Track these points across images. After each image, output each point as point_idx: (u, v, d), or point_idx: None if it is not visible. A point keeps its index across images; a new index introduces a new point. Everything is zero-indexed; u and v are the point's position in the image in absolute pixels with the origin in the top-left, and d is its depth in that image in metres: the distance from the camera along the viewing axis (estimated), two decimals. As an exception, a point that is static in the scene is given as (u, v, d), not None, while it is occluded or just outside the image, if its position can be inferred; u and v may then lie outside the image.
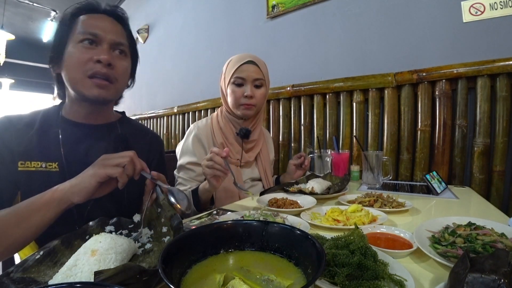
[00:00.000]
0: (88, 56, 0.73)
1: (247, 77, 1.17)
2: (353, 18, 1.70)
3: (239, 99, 1.19)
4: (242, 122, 1.25)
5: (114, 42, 0.77)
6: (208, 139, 1.21)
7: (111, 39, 0.76)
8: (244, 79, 1.18)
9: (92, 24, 0.75)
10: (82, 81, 0.74)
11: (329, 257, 0.43)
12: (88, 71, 0.73)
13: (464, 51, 1.34)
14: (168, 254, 0.35)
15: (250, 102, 1.19)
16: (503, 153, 1.26)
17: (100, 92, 0.75)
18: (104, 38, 0.75)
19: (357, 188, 1.25)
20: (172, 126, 2.99)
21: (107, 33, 0.76)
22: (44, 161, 0.74)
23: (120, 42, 0.79)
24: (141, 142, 0.92)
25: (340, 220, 0.74)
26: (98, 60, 0.73)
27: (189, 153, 1.20)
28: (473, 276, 0.32)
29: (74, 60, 0.73)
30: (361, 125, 1.63)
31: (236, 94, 1.19)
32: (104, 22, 0.77)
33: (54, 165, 0.74)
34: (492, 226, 0.59)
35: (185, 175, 1.19)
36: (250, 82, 1.18)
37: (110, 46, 0.76)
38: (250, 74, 1.18)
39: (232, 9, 2.39)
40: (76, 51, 0.73)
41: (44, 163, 0.73)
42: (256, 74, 1.18)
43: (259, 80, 1.19)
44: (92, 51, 0.74)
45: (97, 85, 0.74)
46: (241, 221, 0.48)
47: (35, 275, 0.45)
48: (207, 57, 2.62)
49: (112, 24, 0.79)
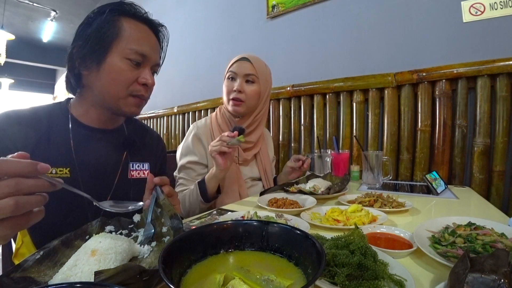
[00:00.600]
0: (135, 76, 0.73)
1: (239, 72, 1.20)
2: (353, 18, 1.70)
3: (230, 93, 1.21)
4: (238, 121, 1.25)
5: (155, 64, 0.78)
6: (208, 138, 1.21)
7: (155, 61, 0.77)
8: (236, 73, 1.20)
9: (142, 40, 0.74)
10: (124, 99, 0.74)
11: (329, 257, 0.43)
12: (134, 92, 0.74)
13: (464, 51, 1.34)
14: (168, 254, 0.35)
15: (239, 96, 1.19)
16: (503, 153, 1.26)
17: (137, 110, 0.78)
18: (150, 60, 0.75)
19: (357, 188, 1.25)
20: (172, 126, 2.99)
21: (152, 54, 0.76)
22: (55, 166, 0.70)
23: (158, 63, 0.80)
24: (146, 143, 0.92)
25: (340, 220, 0.74)
26: (144, 84, 0.74)
27: (189, 152, 1.20)
28: (473, 276, 0.32)
29: (120, 77, 0.72)
30: (361, 125, 1.63)
31: (227, 89, 1.22)
32: (151, 39, 0.77)
33: (65, 171, 0.71)
34: (492, 226, 0.59)
35: (186, 175, 1.19)
36: (241, 77, 1.20)
37: (152, 67, 0.77)
38: (241, 70, 1.20)
39: (232, 9, 2.39)
40: (123, 68, 0.72)
41: (54, 169, 0.69)
42: (247, 69, 1.20)
43: (250, 76, 1.20)
44: (137, 71, 0.73)
45: (136, 103, 0.76)
46: (241, 221, 0.48)
47: (35, 275, 0.45)
48: (207, 57, 2.62)
49: (156, 42, 0.79)
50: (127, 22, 0.73)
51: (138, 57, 0.72)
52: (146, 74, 0.74)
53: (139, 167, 0.85)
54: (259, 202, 0.92)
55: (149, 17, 0.78)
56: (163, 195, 0.65)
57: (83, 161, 0.73)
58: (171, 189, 0.72)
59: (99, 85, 0.73)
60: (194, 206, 1.07)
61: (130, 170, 0.83)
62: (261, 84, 1.23)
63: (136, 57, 0.72)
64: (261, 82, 1.23)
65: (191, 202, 1.07)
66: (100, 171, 0.77)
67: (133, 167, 0.84)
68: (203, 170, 1.19)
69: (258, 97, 1.23)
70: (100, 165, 0.77)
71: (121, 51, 0.71)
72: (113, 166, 0.80)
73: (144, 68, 0.75)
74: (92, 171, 0.75)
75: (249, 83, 1.21)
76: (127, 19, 0.73)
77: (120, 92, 0.73)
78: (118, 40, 0.71)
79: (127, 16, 0.73)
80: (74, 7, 4.46)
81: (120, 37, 0.71)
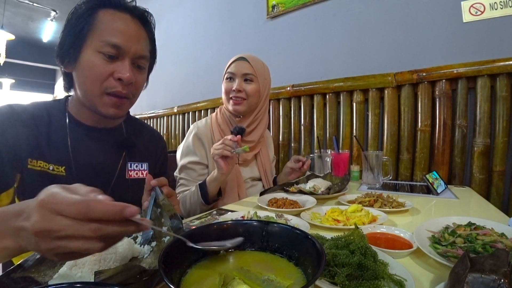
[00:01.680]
0: (109, 71, 0.67)
1: (237, 71, 1.21)
2: (353, 18, 1.70)
3: (229, 93, 1.22)
4: (238, 121, 1.25)
5: (137, 56, 0.71)
6: (208, 139, 1.21)
7: (135, 52, 0.69)
8: (234, 73, 1.21)
9: (115, 30, 0.67)
10: (99, 98, 0.69)
11: (329, 257, 0.43)
12: (108, 88, 0.68)
13: (464, 51, 1.34)
14: (168, 254, 0.35)
15: (239, 95, 1.20)
16: (503, 153, 1.26)
17: (116, 112, 0.71)
18: (128, 52, 0.68)
19: (357, 188, 1.25)
20: (172, 126, 2.99)
21: (132, 44, 0.68)
22: (52, 163, 0.69)
23: (142, 55, 0.72)
24: (147, 143, 0.90)
25: (340, 220, 0.74)
26: (119, 79, 0.67)
27: (190, 153, 1.20)
28: (473, 276, 0.32)
29: (92, 73, 0.67)
30: (361, 125, 1.63)
31: (226, 89, 1.23)
32: (128, 28, 0.69)
33: (61, 169, 0.70)
34: (492, 226, 0.59)
35: (187, 175, 1.19)
36: (240, 76, 1.21)
37: (133, 60, 0.70)
38: (239, 69, 1.21)
39: (232, 9, 2.39)
40: (95, 62, 0.66)
41: (51, 165, 0.69)
42: (245, 69, 1.21)
43: (248, 75, 1.21)
44: (113, 65, 0.67)
45: (114, 103, 0.70)
46: (241, 221, 0.48)
47: (35, 275, 0.45)
48: (207, 57, 2.62)
49: (137, 31, 0.71)
50: (104, 13, 0.67)
51: (111, 49, 0.66)
52: (123, 68, 0.67)
53: (137, 167, 0.84)
54: (259, 202, 0.92)
55: (130, 5, 0.71)
56: (162, 195, 0.65)
57: (79, 159, 0.72)
58: (170, 189, 0.72)
59: (78, 83, 0.70)
60: (195, 207, 1.07)
61: (128, 170, 0.82)
62: (260, 83, 1.23)
63: (109, 50, 0.66)
64: (260, 80, 1.23)
65: (191, 203, 1.07)
66: (97, 171, 0.75)
67: (131, 167, 0.82)
68: (204, 171, 1.19)
69: (258, 95, 1.24)
70: (96, 164, 0.75)
71: (95, 45, 0.66)
72: (110, 165, 0.79)
73: (123, 62, 0.68)
74: (88, 170, 0.73)
75: (248, 82, 1.21)
76: (105, 10, 0.68)
77: (94, 90, 0.68)
78: (92, 33, 0.66)
79: (106, 7, 0.68)
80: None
81: (94, 30, 0.66)
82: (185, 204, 1.09)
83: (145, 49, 0.73)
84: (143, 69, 0.75)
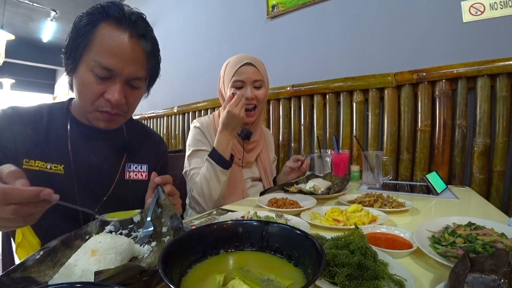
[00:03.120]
0: (99, 91, 0.67)
1: (246, 79, 1.16)
2: (353, 18, 1.70)
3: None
4: (243, 124, 1.25)
5: (130, 78, 0.69)
6: (211, 134, 1.21)
7: (127, 75, 0.68)
8: (244, 81, 1.16)
9: (109, 52, 0.65)
10: (91, 113, 0.70)
11: (329, 257, 0.43)
12: (98, 107, 0.69)
13: (464, 51, 1.34)
14: (168, 254, 0.35)
15: (251, 102, 1.18)
16: (503, 153, 1.26)
17: (108, 125, 0.73)
18: (120, 74, 0.67)
19: (357, 188, 1.25)
20: (172, 126, 2.99)
21: (125, 67, 0.67)
22: (50, 162, 0.69)
23: (137, 77, 0.70)
24: (147, 146, 0.90)
25: (340, 220, 0.74)
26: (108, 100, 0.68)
27: (196, 141, 1.19)
28: (473, 276, 0.32)
29: (85, 90, 0.67)
30: (361, 125, 1.63)
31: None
32: (124, 49, 0.66)
33: (60, 168, 0.70)
34: (492, 226, 0.59)
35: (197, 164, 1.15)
36: (250, 84, 1.17)
37: (125, 81, 0.69)
38: (249, 76, 1.16)
39: (232, 9, 2.39)
40: (88, 81, 0.66)
41: (49, 164, 0.69)
42: (254, 75, 1.17)
43: (258, 82, 1.18)
44: (104, 85, 0.67)
45: (106, 119, 0.71)
46: (241, 221, 0.48)
47: (35, 275, 0.45)
48: (207, 57, 2.62)
49: (134, 51, 0.68)
50: (103, 29, 0.65)
51: (102, 71, 0.65)
52: (113, 90, 0.67)
53: (136, 168, 0.84)
54: (259, 202, 0.92)
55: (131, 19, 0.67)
56: (164, 195, 0.65)
57: (78, 159, 0.72)
58: (173, 188, 0.72)
59: (76, 97, 0.72)
60: (215, 184, 1.04)
61: (127, 171, 0.82)
62: (267, 86, 1.24)
63: (100, 71, 0.65)
64: (266, 84, 1.24)
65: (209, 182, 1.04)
66: (96, 171, 0.76)
67: (130, 168, 0.83)
68: None
69: (266, 98, 1.25)
70: (96, 164, 0.76)
71: (88, 63, 0.66)
72: (110, 166, 0.79)
73: (114, 83, 0.67)
74: (87, 170, 0.74)
75: (257, 88, 1.19)
76: (105, 24, 0.66)
77: (86, 106, 0.69)
78: (88, 50, 0.65)
79: (106, 21, 0.66)
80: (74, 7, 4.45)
81: (90, 47, 0.65)
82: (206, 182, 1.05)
83: (140, 70, 0.70)
84: (137, 88, 0.73)
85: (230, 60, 1.22)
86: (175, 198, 0.73)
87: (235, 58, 1.21)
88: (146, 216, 0.63)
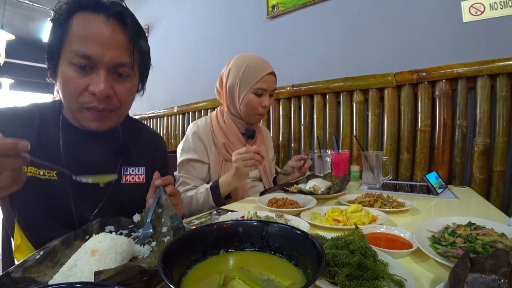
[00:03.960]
0: (83, 85, 0.62)
1: (268, 88, 1.20)
2: (353, 18, 1.70)
3: (257, 108, 1.21)
4: (245, 123, 1.26)
5: (113, 64, 0.63)
6: (208, 138, 1.21)
7: (110, 60, 0.62)
8: (266, 90, 1.20)
9: (85, 38, 0.60)
10: (78, 113, 0.65)
11: (329, 257, 0.43)
12: (84, 104, 0.63)
13: (464, 51, 1.34)
14: (168, 254, 0.35)
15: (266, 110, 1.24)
16: (503, 153, 1.26)
17: (100, 125, 0.67)
18: (101, 61, 0.61)
19: (357, 188, 1.25)
20: (172, 126, 2.99)
21: (105, 52, 0.61)
22: (43, 168, 0.66)
23: (122, 62, 0.64)
24: (145, 146, 0.86)
25: (340, 220, 0.74)
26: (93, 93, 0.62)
27: (190, 150, 1.19)
28: (473, 276, 0.32)
29: (67, 88, 0.62)
30: (361, 125, 1.63)
31: (255, 104, 1.20)
32: (101, 33, 0.61)
33: (53, 173, 0.67)
34: (492, 226, 0.59)
35: (187, 173, 1.18)
36: (269, 92, 1.22)
37: (110, 69, 0.63)
38: (271, 86, 1.21)
39: (232, 9, 2.39)
40: (69, 76, 0.61)
41: (42, 170, 0.66)
42: (274, 85, 1.23)
43: (274, 91, 1.25)
44: (87, 78, 0.62)
45: (95, 117, 0.65)
46: (241, 221, 0.48)
47: (35, 275, 0.45)
48: (207, 57, 2.62)
49: (113, 35, 0.62)
50: (77, 18, 0.61)
51: (81, 59, 0.60)
52: (96, 81, 0.61)
53: (133, 171, 0.80)
54: (259, 202, 0.92)
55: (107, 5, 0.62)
56: (165, 195, 0.65)
57: (72, 163, 0.68)
58: (174, 188, 0.71)
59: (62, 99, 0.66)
60: (202, 208, 1.07)
61: (123, 174, 0.78)
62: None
63: (79, 60, 0.60)
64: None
65: (199, 205, 1.07)
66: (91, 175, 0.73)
67: (127, 171, 0.79)
68: (204, 169, 1.20)
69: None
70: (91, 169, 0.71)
71: (67, 56, 0.61)
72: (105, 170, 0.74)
73: (98, 73, 0.62)
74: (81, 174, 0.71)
75: (271, 96, 1.24)
76: (79, 13, 0.61)
77: (72, 104, 0.64)
78: (65, 43, 0.61)
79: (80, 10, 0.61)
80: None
81: (66, 40, 0.61)
82: (191, 205, 1.08)
83: (123, 54, 0.64)
84: (127, 77, 0.67)
85: (250, 63, 1.19)
86: (177, 199, 0.73)
87: (256, 62, 1.20)
88: (146, 217, 0.63)
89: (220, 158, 1.21)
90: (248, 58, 1.21)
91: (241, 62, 1.20)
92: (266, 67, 1.20)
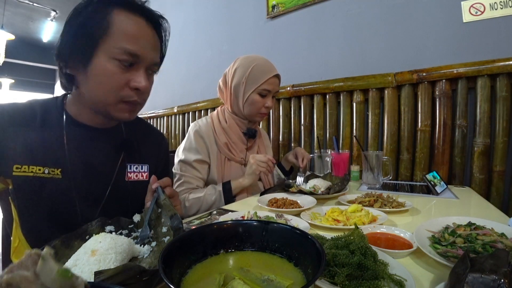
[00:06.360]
0: (125, 80, 0.65)
1: (273, 90, 1.23)
2: (353, 18, 1.70)
3: (260, 108, 1.23)
4: (247, 123, 1.27)
5: (151, 63, 0.69)
6: (210, 138, 1.21)
7: (151, 60, 0.68)
8: (270, 91, 1.22)
9: (132, 36, 0.63)
10: (114, 105, 0.67)
11: (329, 257, 0.43)
12: (124, 98, 0.66)
13: (464, 51, 1.34)
14: (168, 254, 0.35)
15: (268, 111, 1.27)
16: (503, 153, 1.26)
17: (130, 116, 0.71)
18: (145, 60, 0.66)
19: (357, 188, 1.25)
20: (172, 126, 2.99)
21: (148, 52, 0.66)
22: (47, 166, 0.65)
23: (157, 62, 0.71)
24: (148, 144, 0.87)
25: (340, 220, 0.74)
26: (136, 88, 0.66)
27: (192, 150, 1.19)
28: (473, 276, 0.32)
29: (108, 81, 0.64)
30: (361, 125, 1.63)
31: (259, 104, 1.21)
32: (145, 34, 0.66)
33: (57, 172, 0.66)
34: (492, 226, 0.59)
35: (190, 173, 1.17)
36: (272, 94, 1.24)
37: (147, 67, 0.68)
38: (275, 88, 1.24)
39: (232, 9, 2.39)
40: (111, 70, 0.63)
41: (47, 168, 0.65)
42: (278, 87, 1.27)
43: (277, 93, 1.29)
44: (129, 74, 0.65)
45: (129, 110, 0.69)
46: (241, 221, 0.48)
47: (35, 275, 0.45)
48: (207, 57, 2.62)
49: (153, 37, 0.69)
50: (118, 15, 0.63)
51: (128, 57, 0.63)
52: (138, 77, 0.65)
53: (137, 169, 0.80)
54: (259, 202, 0.92)
55: (147, 7, 0.68)
56: (164, 195, 0.65)
57: (76, 161, 0.69)
58: (173, 190, 0.72)
59: (87, 89, 0.66)
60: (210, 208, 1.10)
61: (127, 172, 0.78)
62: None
63: (126, 58, 0.63)
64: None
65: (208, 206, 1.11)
66: (94, 173, 0.72)
67: (130, 168, 0.79)
68: (205, 168, 1.20)
69: None
70: (94, 166, 0.72)
71: (109, 51, 0.62)
72: (109, 167, 0.75)
73: (138, 70, 0.66)
74: (85, 172, 0.70)
75: (273, 97, 1.27)
76: (119, 10, 0.63)
77: (109, 98, 0.65)
78: (106, 38, 0.62)
79: (120, 7, 0.63)
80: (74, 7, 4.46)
81: (108, 34, 0.62)
82: (200, 206, 1.10)
83: (157, 55, 0.72)
84: (152, 73, 0.74)
85: (257, 64, 1.20)
86: (175, 200, 0.73)
87: (263, 64, 1.22)
88: (145, 218, 0.63)
89: (222, 158, 1.21)
90: (256, 59, 1.22)
91: (248, 62, 1.21)
92: (272, 69, 1.23)
